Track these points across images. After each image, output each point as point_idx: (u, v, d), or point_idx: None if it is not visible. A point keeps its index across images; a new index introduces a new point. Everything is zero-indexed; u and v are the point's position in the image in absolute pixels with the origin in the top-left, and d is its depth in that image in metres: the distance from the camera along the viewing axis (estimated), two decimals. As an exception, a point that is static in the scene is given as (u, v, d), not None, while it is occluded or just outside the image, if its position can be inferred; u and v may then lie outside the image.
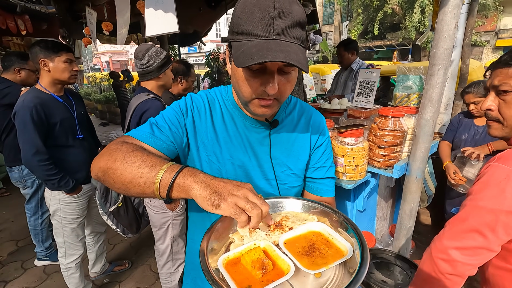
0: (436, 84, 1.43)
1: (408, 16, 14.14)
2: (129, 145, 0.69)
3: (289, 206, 0.79)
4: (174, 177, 0.59)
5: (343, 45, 3.27)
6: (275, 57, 0.58)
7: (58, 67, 1.73)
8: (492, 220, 0.78)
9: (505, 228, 0.77)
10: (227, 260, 0.58)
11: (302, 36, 0.65)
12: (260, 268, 0.54)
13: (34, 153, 1.64)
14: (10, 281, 2.45)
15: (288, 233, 0.66)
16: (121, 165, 0.64)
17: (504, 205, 0.76)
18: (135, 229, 1.67)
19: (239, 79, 0.71)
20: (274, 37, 0.61)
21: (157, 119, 0.81)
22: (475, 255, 0.82)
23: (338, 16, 21.28)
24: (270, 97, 0.70)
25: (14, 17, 4.57)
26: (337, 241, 0.63)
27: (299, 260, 0.58)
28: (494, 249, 0.81)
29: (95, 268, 2.37)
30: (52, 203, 1.88)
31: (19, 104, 1.67)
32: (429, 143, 1.54)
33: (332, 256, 0.60)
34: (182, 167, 0.61)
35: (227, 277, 0.53)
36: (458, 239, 0.84)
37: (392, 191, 2.30)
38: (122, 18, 2.33)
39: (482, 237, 0.79)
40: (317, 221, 0.71)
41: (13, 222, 3.41)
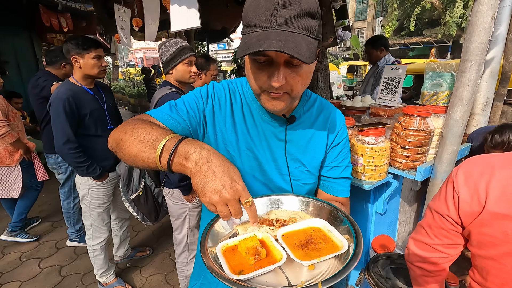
0: (468, 82, 1.33)
1: (449, 11, 13.25)
2: (142, 120, 0.71)
3: (295, 205, 0.78)
4: (172, 152, 0.58)
5: (370, 42, 3.22)
6: (269, 46, 0.57)
7: (88, 63, 1.83)
8: (429, 218, 0.87)
9: (438, 229, 0.84)
10: (225, 247, 0.60)
11: (312, 26, 0.63)
12: (253, 254, 0.56)
13: (65, 141, 1.76)
14: (44, 258, 2.67)
15: (288, 226, 0.67)
16: (129, 138, 0.65)
17: (437, 207, 0.83)
18: (154, 217, 1.74)
19: (248, 72, 0.71)
20: (276, 27, 0.60)
21: (177, 102, 0.83)
22: (423, 249, 0.90)
23: (372, 12, 20.44)
24: (279, 91, 0.68)
25: (57, 15, 4.92)
26: (335, 237, 0.63)
27: (293, 251, 0.59)
28: (438, 249, 0.86)
29: (119, 252, 2.51)
30: (81, 188, 2.02)
31: (53, 96, 1.80)
32: (457, 145, 1.44)
33: (327, 250, 0.60)
34: (180, 139, 0.60)
35: (222, 261, 0.56)
36: (415, 231, 0.97)
37: (417, 195, 2.18)
38: (150, 15, 2.41)
39: (425, 233, 0.89)
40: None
41: (50, 205, 3.70)
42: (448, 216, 0.80)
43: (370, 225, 1.87)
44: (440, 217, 0.83)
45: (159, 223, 3.17)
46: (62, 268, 2.52)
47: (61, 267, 2.54)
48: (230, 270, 0.54)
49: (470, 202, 0.74)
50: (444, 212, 0.81)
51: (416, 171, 1.55)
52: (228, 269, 0.54)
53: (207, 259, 0.55)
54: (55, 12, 4.94)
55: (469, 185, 0.75)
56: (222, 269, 0.54)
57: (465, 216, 0.77)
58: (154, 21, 2.55)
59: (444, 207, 0.81)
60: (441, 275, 0.92)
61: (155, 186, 1.83)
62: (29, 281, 2.38)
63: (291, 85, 0.68)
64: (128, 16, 3.11)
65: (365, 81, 3.39)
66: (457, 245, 0.85)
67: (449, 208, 0.79)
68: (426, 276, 0.92)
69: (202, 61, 2.16)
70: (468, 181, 0.75)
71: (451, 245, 0.85)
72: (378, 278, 1.48)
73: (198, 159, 0.55)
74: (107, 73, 13.95)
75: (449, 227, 0.82)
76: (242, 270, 0.55)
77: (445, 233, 0.83)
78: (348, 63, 15.26)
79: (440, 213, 0.82)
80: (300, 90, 0.71)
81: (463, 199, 0.76)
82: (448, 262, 0.89)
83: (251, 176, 0.85)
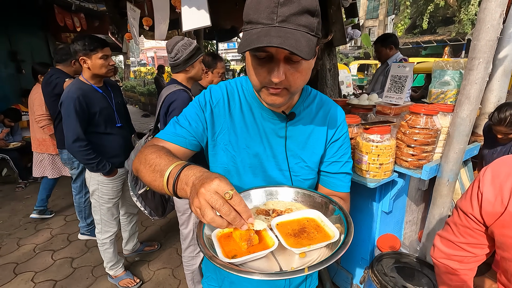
0: (476, 80, 1.31)
1: (463, 9, 12.92)
2: (151, 148, 0.76)
3: (292, 197, 0.79)
4: (174, 182, 0.62)
5: (379, 41, 3.24)
6: (269, 42, 0.58)
7: (96, 64, 1.87)
8: (455, 216, 0.87)
9: (463, 227, 0.84)
10: (221, 233, 0.63)
11: (312, 23, 0.64)
12: (246, 240, 0.58)
13: (75, 139, 1.81)
14: (57, 250, 2.76)
15: (282, 216, 0.69)
16: (143, 168, 0.72)
17: (463, 205, 0.83)
18: (161, 212, 1.78)
19: (249, 68, 0.73)
20: (276, 24, 0.61)
21: (179, 118, 0.87)
22: (448, 246, 0.91)
23: (384, 10, 20.10)
24: (278, 86, 0.69)
25: (71, 15, 5.05)
26: (327, 227, 0.64)
27: (285, 239, 0.61)
28: (463, 248, 0.86)
29: (127, 246, 2.58)
30: (91, 183, 2.08)
31: (64, 95, 1.85)
32: (464, 144, 1.42)
33: (319, 239, 0.61)
34: (179, 171, 0.63)
35: (216, 246, 0.59)
36: (442, 228, 0.97)
37: (425, 194, 2.15)
38: (160, 14, 2.46)
39: (451, 231, 0.89)
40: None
41: (63, 199, 3.82)
42: (472, 215, 0.80)
43: (376, 223, 1.86)
44: (464, 216, 0.83)
45: (167, 219, 3.24)
46: (74, 260, 2.61)
47: (73, 259, 2.63)
48: (223, 254, 0.56)
49: (493, 202, 0.74)
50: (468, 211, 0.81)
51: (422, 169, 1.54)
52: (222, 253, 0.56)
53: (202, 244, 0.58)
54: (69, 12, 5.07)
55: (495, 185, 0.74)
56: (216, 253, 0.56)
57: (487, 216, 0.76)
58: (164, 20, 2.60)
59: (469, 206, 0.81)
60: (467, 275, 0.91)
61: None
62: (42, 271, 2.47)
63: (290, 81, 0.69)
64: (138, 15, 3.18)
65: (374, 79, 3.39)
66: (482, 245, 0.84)
67: (473, 207, 0.79)
68: (451, 274, 0.92)
69: (209, 59, 2.19)
70: (494, 181, 0.75)
71: (476, 245, 0.84)
72: (381, 276, 1.48)
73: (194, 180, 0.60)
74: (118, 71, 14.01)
75: (473, 226, 0.81)
76: (235, 255, 0.57)
77: (470, 232, 0.83)
78: (359, 62, 15.05)
79: (465, 211, 0.82)
80: (299, 86, 0.73)
81: (486, 199, 0.76)
82: (475, 262, 0.89)
83: (251, 173, 0.87)
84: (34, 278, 2.38)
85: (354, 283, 2.09)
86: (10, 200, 3.85)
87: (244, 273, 0.51)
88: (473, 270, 0.91)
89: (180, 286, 2.29)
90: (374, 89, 3.30)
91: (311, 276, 1.06)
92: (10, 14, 4.90)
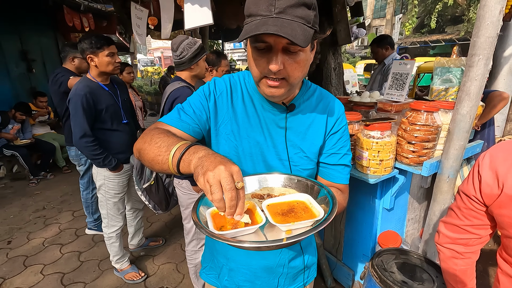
0: (475, 76, 1.32)
1: (473, 7, 12.71)
2: (158, 129, 0.79)
3: (286, 182, 0.83)
4: (182, 153, 0.66)
5: (375, 42, 3.36)
6: (266, 29, 0.62)
7: (103, 61, 1.92)
8: (458, 200, 0.91)
9: (467, 210, 0.87)
10: (214, 212, 0.69)
11: (308, 16, 0.68)
12: (233, 224, 0.64)
13: (82, 136, 1.87)
14: (65, 244, 2.83)
15: (273, 198, 0.73)
16: (148, 146, 0.74)
17: (465, 189, 0.87)
18: (165, 206, 1.82)
19: (249, 59, 0.77)
20: (274, 15, 0.65)
21: (183, 105, 0.91)
22: (453, 230, 0.95)
23: (391, 9, 19.91)
24: (277, 76, 0.72)
25: (79, 15, 5.15)
26: (314, 208, 0.68)
27: (273, 217, 0.65)
28: (468, 230, 0.89)
29: (133, 241, 2.63)
30: (98, 178, 2.14)
31: (72, 92, 1.91)
32: (465, 140, 1.42)
33: (305, 218, 0.65)
34: (190, 144, 0.68)
35: (209, 220, 0.65)
36: (446, 215, 1.00)
37: (427, 192, 2.15)
38: (167, 14, 2.50)
39: (455, 215, 0.92)
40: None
41: (71, 195, 3.90)
42: (475, 197, 0.85)
43: (377, 220, 1.87)
44: (467, 199, 0.88)
45: (171, 215, 3.30)
46: (81, 254, 2.67)
47: (80, 253, 2.69)
48: (214, 227, 0.62)
49: (491, 185, 0.80)
50: (471, 193, 0.86)
51: (422, 166, 1.55)
52: (213, 226, 0.62)
53: (195, 218, 0.63)
54: (78, 12, 5.17)
55: (492, 169, 0.80)
56: (207, 225, 0.62)
57: (486, 198, 0.82)
58: (170, 19, 2.64)
59: (471, 188, 0.86)
60: (471, 258, 0.95)
61: (166, 177, 1.91)
62: (51, 264, 2.54)
63: (288, 71, 0.72)
64: (145, 15, 3.23)
65: (372, 78, 3.47)
66: (486, 225, 0.88)
67: (475, 189, 0.85)
68: (456, 258, 0.96)
69: (213, 57, 2.22)
70: (492, 165, 0.81)
71: (480, 226, 0.88)
72: (381, 272, 1.49)
73: (198, 161, 0.62)
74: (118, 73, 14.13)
75: (477, 207, 0.86)
76: (222, 226, 0.63)
77: (474, 214, 0.87)
78: (365, 62, 14.94)
79: (468, 194, 0.87)
80: (298, 77, 0.75)
81: (484, 181, 0.81)
82: (479, 244, 0.93)
83: (252, 162, 0.90)
84: (43, 271, 2.46)
85: (355, 279, 2.10)
86: (21, 195, 3.96)
87: (231, 241, 0.56)
88: (477, 253, 0.95)
89: (184, 281, 2.33)
90: (372, 88, 3.38)
91: (309, 267, 1.08)
92: (21, 14, 5.03)
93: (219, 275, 1.03)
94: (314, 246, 1.11)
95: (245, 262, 0.96)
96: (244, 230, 0.61)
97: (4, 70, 4.84)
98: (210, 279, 1.07)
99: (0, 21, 4.71)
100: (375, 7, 21.21)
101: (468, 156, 1.85)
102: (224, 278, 1.01)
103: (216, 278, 1.05)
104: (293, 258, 0.99)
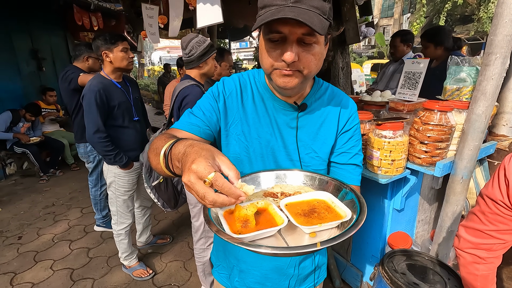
0: (492, 76, 1.29)
1: (483, 6, 12.50)
2: (160, 136, 0.75)
3: (301, 180, 0.79)
4: (168, 150, 0.60)
5: (399, 35, 3.11)
6: (284, 15, 0.61)
7: (117, 56, 1.96)
8: (482, 205, 0.88)
9: (492, 215, 0.84)
10: (227, 211, 0.62)
11: (324, 7, 0.67)
12: (242, 222, 0.57)
13: (95, 131, 1.89)
14: (74, 240, 2.87)
15: (291, 197, 0.69)
16: (150, 154, 0.73)
17: (490, 193, 0.84)
18: (173, 204, 1.83)
19: (262, 52, 0.75)
20: (290, 4, 0.64)
21: (193, 109, 0.90)
22: (475, 235, 0.91)
23: (399, 8, 19.67)
24: (291, 68, 0.70)
25: (89, 14, 5.20)
26: (339, 208, 0.63)
27: (295, 218, 0.59)
28: (493, 235, 0.86)
29: (141, 238, 2.65)
30: (108, 175, 2.15)
31: (86, 88, 1.94)
32: (480, 140, 1.40)
33: (330, 219, 0.60)
34: (173, 142, 0.61)
35: (223, 222, 0.58)
36: (466, 219, 0.98)
37: (438, 194, 2.12)
38: (175, 11, 2.51)
39: (478, 220, 0.90)
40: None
41: (80, 192, 3.95)
42: (502, 202, 0.82)
43: (387, 221, 1.85)
44: (493, 203, 0.85)
45: (179, 213, 3.31)
46: (90, 251, 2.70)
47: (89, 249, 2.72)
48: (230, 230, 0.55)
49: None
50: (498, 198, 0.83)
51: (435, 166, 1.53)
52: (229, 229, 0.55)
53: (208, 220, 0.57)
54: (87, 11, 5.22)
55: None
56: (223, 228, 0.56)
57: None
58: (178, 17, 2.65)
59: (498, 193, 0.83)
60: (493, 263, 0.92)
61: (175, 175, 1.92)
62: (60, 260, 2.57)
63: (303, 62, 0.70)
64: (156, 13, 3.24)
65: (387, 76, 3.30)
66: None
67: (503, 193, 0.81)
68: (478, 263, 0.93)
69: (217, 53, 2.22)
70: None
71: (506, 231, 0.85)
72: (392, 273, 1.48)
73: (181, 157, 0.57)
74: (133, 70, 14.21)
75: (504, 212, 0.83)
76: (241, 232, 0.56)
77: (500, 219, 0.84)
78: (372, 62, 14.81)
79: (494, 199, 0.84)
80: (312, 69, 0.73)
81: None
82: (503, 249, 0.90)
83: (262, 163, 0.89)
84: (53, 266, 2.49)
85: (364, 280, 2.08)
86: (31, 192, 4.02)
87: (251, 246, 0.49)
88: (499, 258, 0.92)
89: (191, 279, 2.34)
90: (389, 86, 3.20)
91: (320, 268, 1.06)
92: (32, 14, 5.09)
93: (230, 276, 1.03)
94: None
95: (256, 264, 0.95)
96: (265, 232, 0.56)
97: (16, 69, 4.92)
98: (221, 278, 1.07)
99: (11, 20, 4.78)
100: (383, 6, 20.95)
101: (482, 157, 1.81)
102: (234, 279, 1.01)
103: (227, 278, 1.05)
104: (304, 259, 0.98)
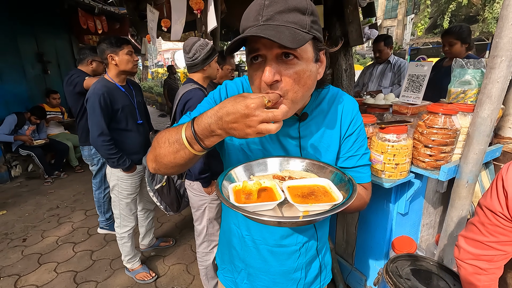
0: (497, 78, 1.27)
1: (488, 7, 12.41)
2: (159, 134, 0.74)
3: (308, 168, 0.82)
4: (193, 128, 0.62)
5: (382, 39, 3.38)
6: (246, 33, 0.60)
7: (123, 59, 1.98)
8: (481, 216, 0.87)
9: (492, 226, 0.82)
10: (237, 188, 0.73)
11: (302, 21, 0.63)
12: (246, 194, 0.70)
13: (99, 134, 1.90)
14: (78, 243, 2.88)
15: (294, 180, 0.74)
16: (160, 150, 0.70)
17: (489, 204, 0.82)
18: (176, 207, 1.83)
19: (248, 77, 0.74)
20: (261, 23, 0.62)
21: (193, 112, 0.88)
22: (475, 246, 0.89)
23: (403, 9, 19.62)
24: (273, 90, 0.64)
25: (93, 18, 5.25)
26: (334, 193, 0.69)
27: (292, 198, 0.67)
28: (493, 247, 0.84)
29: (144, 241, 2.65)
30: (111, 179, 2.16)
31: (90, 91, 1.95)
32: (485, 144, 1.38)
33: (324, 201, 0.67)
34: (191, 120, 0.65)
35: (231, 194, 0.69)
36: (465, 229, 0.95)
37: (443, 197, 2.10)
38: (177, 14, 2.52)
39: (477, 231, 0.89)
40: None
41: (84, 195, 3.97)
42: (502, 213, 0.80)
43: (391, 225, 1.83)
44: (492, 214, 0.82)
45: (181, 216, 3.31)
46: (93, 253, 2.71)
47: (92, 252, 2.73)
48: (235, 200, 0.66)
49: None
50: (496, 210, 0.81)
51: (440, 170, 1.51)
52: (234, 199, 0.66)
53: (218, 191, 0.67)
54: (92, 15, 5.28)
55: None
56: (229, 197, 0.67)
57: None
58: (180, 20, 2.66)
59: (497, 204, 0.81)
60: (495, 274, 0.90)
61: (177, 178, 1.92)
62: (64, 262, 2.58)
63: (286, 83, 0.65)
64: (156, 17, 3.27)
65: (376, 76, 3.50)
66: None
67: (502, 205, 0.79)
68: (479, 274, 0.91)
69: (219, 56, 2.22)
70: None
71: (507, 242, 0.84)
72: (396, 278, 1.46)
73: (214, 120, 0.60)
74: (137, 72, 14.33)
75: (504, 223, 0.81)
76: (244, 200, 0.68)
77: (500, 230, 0.82)
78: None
79: (493, 210, 0.82)
80: (298, 91, 0.66)
81: (511, 197, 0.77)
82: (504, 260, 0.88)
83: None
84: (56, 268, 2.50)
85: (368, 285, 2.06)
86: (35, 194, 4.05)
87: (250, 214, 0.60)
88: (501, 269, 0.90)
89: (194, 282, 2.34)
90: (382, 85, 3.40)
91: (326, 268, 1.08)
92: (38, 17, 5.16)
93: (237, 279, 1.02)
94: (329, 248, 1.10)
95: (263, 268, 0.95)
96: (264, 205, 0.65)
97: (21, 72, 4.97)
98: (226, 281, 1.06)
99: (17, 24, 4.85)
100: (386, 7, 20.94)
101: (487, 160, 1.79)
102: (243, 281, 1.01)
103: (233, 282, 1.04)
104: (310, 261, 0.99)
